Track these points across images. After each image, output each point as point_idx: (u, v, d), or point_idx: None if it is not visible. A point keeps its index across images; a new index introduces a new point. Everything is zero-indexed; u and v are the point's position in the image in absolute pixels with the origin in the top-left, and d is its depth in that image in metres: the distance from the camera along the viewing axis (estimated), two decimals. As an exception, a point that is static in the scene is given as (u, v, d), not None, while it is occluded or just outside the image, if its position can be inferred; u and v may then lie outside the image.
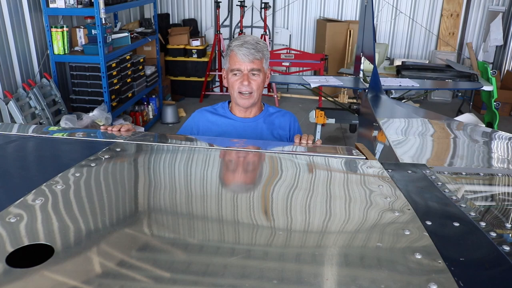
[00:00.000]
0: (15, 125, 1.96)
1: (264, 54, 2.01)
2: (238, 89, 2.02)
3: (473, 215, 0.90)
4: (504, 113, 7.01)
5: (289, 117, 2.22)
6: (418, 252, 0.74)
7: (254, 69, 1.99)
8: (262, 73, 2.02)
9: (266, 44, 2.09)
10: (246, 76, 1.99)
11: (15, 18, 4.57)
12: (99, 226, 0.84)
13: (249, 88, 2.01)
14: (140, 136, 1.60)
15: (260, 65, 2.00)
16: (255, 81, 2.01)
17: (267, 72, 2.09)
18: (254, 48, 1.96)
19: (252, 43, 1.97)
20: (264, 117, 2.17)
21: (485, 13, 7.84)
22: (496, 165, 1.58)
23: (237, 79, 2.01)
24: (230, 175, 1.28)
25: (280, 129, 2.17)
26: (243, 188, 1.15)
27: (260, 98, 2.14)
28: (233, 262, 0.72)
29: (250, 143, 1.84)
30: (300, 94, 7.97)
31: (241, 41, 1.99)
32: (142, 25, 7.05)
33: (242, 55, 1.96)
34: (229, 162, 1.39)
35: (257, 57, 1.97)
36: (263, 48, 2.00)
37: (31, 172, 1.20)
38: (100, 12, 4.69)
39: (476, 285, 0.67)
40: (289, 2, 8.04)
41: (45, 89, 4.89)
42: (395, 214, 0.91)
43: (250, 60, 1.97)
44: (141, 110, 6.38)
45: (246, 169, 1.34)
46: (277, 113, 2.21)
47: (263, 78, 2.04)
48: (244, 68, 1.98)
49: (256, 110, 2.16)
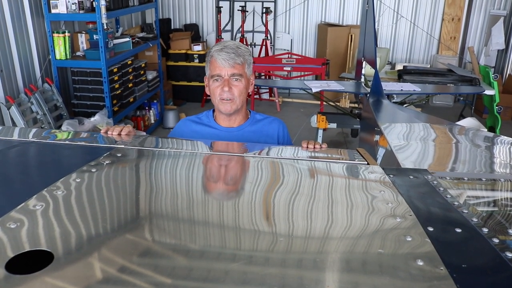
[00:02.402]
0: (16, 128, 1.97)
1: (246, 59, 1.93)
2: (219, 96, 1.94)
3: (475, 221, 0.90)
4: (506, 117, 7.00)
5: (277, 124, 2.12)
6: (420, 259, 0.74)
7: (235, 74, 1.91)
8: (244, 78, 1.94)
9: (249, 49, 1.99)
10: (227, 82, 1.91)
11: (17, 23, 4.58)
12: (100, 232, 0.83)
13: (230, 94, 1.93)
14: (141, 140, 1.60)
15: (241, 70, 1.91)
16: (236, 87, 1.93)
17: (250, 78, 2.00)
18: (235, 53, 1.88)
19: (232, 47, 1.90)
20: (250, 125, 2.08)
21: (487, 17, 7.84)
22: (498, 170, 1.57)
23: (218, 85, 1.93)
24: (232, 180, 1.28)
25: (267, 137, 2.07)
26: (243, 193, 1.14)
27: (245, 106, 2.05)
28: (235, 268, 0.72)
29: (251, 147, 1.83)
30: (301, 99, 7.98)
31: (221, 45, 1.91)
32: (144, 30, 7.07)
33: (222, 60, 1.88)
34: (232, 167, 1.39)
35: (238, 62, 1.89)
36: (244, 53, 1.92)
37: (32, 178, 1.20)
38: (102, 17, 4.71)
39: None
40: (290, 7, 8.06)
41: (47, 94, 4.90)
42: (396, 220, 0.91)
43: (231, 65, 1.88)
44: (143, 115, 6.38)
45: (247, 174, 1.33)
46: (264, 120, 2.12)
47: (246, 83, 1.96)
48: (224, 73, 1.90)
49: (241, 118, 2.07)
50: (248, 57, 1.95)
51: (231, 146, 1.81)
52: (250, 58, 1.98)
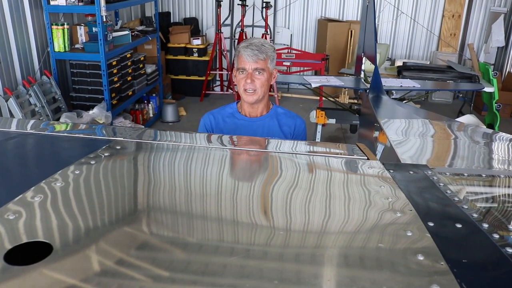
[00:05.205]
0: (13, 120, 1.95)
1: (269, 55, 2.17)
2: (243, 86, 2.20)
3: (476, 217, 0.89)
4: (505, 115, 7.01)
5: (298, 119, 2.37)
6: (420, 253, 0.73)
7: (258, 68, 2.16)
8: (266, 72, 2.18)
9: (273, 47, 2.23)
10: (250, 75, 2.17)
11: (15, 15, 4.56)
12: (99, 224, 0.83)
13: (253, 85, 2.18)
14: (140, 133, 1.59)
15: (263, 65, 2.16)
16: (258, 80, 2.18)
17: (273, 71, 2.24)
18: (258, 50, 2.14)
19: (257, 45, 2.15)
20: (270, 116, 2.32)
21: (487, 14, 7.83)
22: (498, 166, 1.57)
23: (242, 77, 2.19)
24: (231, 174, 1.27)
25: (285, 126, 2.32)
26: (246, 187, 1.14)
27: (267, 97, 2.30)
28: (233, 261, 0.72)
29: (250, 141, 1.83)
30: (300, 94, 7.97)
31: (248, 43, 2.18)
32: (143, 24, 7.05)
33: (247, 55, 2.14)
34: (230, 161, 1.38)
35: (261, 58, 2.14)
36: (267, 50, 2.16)
37: (31, 169, 1.19)
38: (101, 10, 4.69)
39: (478, 287, 0.66)
40: (290, 1, 8.03)
41: (45, 87, 4.89)
42: (396, 215, 0.90)
43: (254, 60, 2.14)
44: (141, 109, 6.37)
45: (247, 168, 1.33)
46: (287, 113, 2.37)
47: (267, 77, 2.20)
48: (248, 67, 2.16)
49: (263, 108, 2.31)
50: (272, 53, 2.20)
51: (231, 139, 1.80)
52: (274, 54, 2.23)
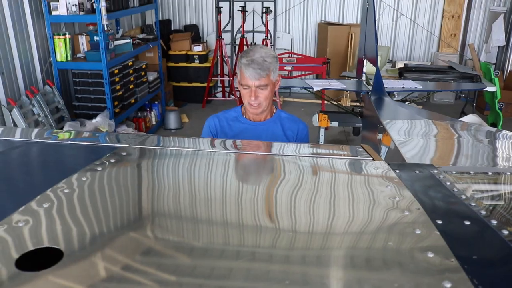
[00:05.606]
0: (17, 129, 1.96)
1: (271, 69, 2.12)
2: (248, 101, 2.20)
3: (483, 214, 0.89)
4: (508, 114, 6.99)
5: (301, 123, 2.37)
6: (430, 251, 0.73)
7: (261, 85, 2.14)
8: (269, 85, 2.16)
9: (275, 56, 2.18)
10: (254, 92, 2.15)
11: (17, 26, 4.59)
12: (107, 230, 0.83)
13: (257, 101, 2.18)
14: (144, 139, 1.59)
15: (267, 81, 2.13)
16: (262, 94, 2.17)
17: (277, 79, 2.23)
18: (260, 68, 2.09)
19: (259, 62, 2.08)
20: (274, 120, 2.34)
21: (487, 14, 7.84)
22: (503, 164, 1.56)
23: (246, 92, 2.18)
24: (236, 178, 1.27)
25: (289, 130, 2.33)
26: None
27: (271, 103, 2.30)
28: (240, 265, 0.71)
29: (254, 144, 1.83)
30: (302, 98, 7.97)
31: (249, 59, 2.10)
32: (144, 32, 7.08)
33: (249, 74, 2.10)
34: (235, 165, 1.38)
35: (263, 75, 2.11)
36: (269, 65, 2.11)
37: (38, 177, 1.20)
38: (102, 19, 4.71)
39: (490, 283, 0.65)
40: (290, 6, 8.06)
41: (48, 96, 4.91)
42: (404, 214, 0.90)
43: (257, 78, 2.11)
44: (144, 116, 6.39)
45: (254, 171, 1.33)
46: (290, 117, 2.38)
47: (271, 88, 2.19)
48: (251, 84, 2.14)
49: (267, 113, 2.32)
50: (274, 65, 2.15)
51: (234, 144, 1.80)
52: (276, 64, 2.17)
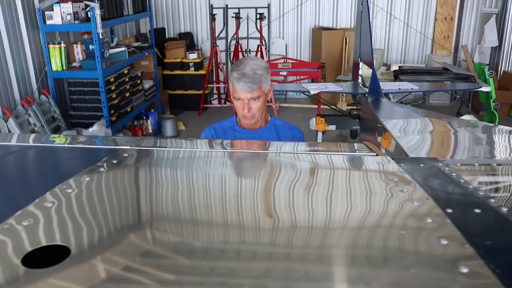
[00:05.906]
0: (14, 135, 1.95)
1: (263, 80, 2.12)
2: (241, 113, 2.21)
3: (493, 201, 0.88)
4: (503, 114, 7.02)
5: (295, 130, 2.37)
6: (443, 238, 0.72)
7: (254, 97, 2.14)
8: (262, 96, 2.16)
9: (265, 67, 2.16)
10: (247, 104, 2.15)
11: (12, 36, 4.58)
12: (117, 229, 0.82)
13: (250, 112, 2.18)
14: (145, 141, 1.58)
15: (259, 93, 2.13)
16: (255, 105, 2.17)
17: (269, 88, 2.21)
18: (252, 81, 2.08)
19: (249, 75, 2.07)
20: (268, 128, 2.33)
21: (479, 15, 7.90)
22: (507, 156, 1.57)
23: (239, 105, 2.18)
24: (239, 177, 1.26)
25: (284, 138, 2.31)
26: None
27: (265, 112, 2.29)
28: (242, 265, 0.70)
29: (253, 144, 1.83)
30: (298, 103, 7.98)
31: (240, 73, 2.09)
32: (139, 40, 7.08)
33: (241, 88, 2.10)
34: (236, 164, 1.38)
35: (255, 88, 2.10)
36: (260, 77, 2.10)
37: (40, 179, 1.18)
38: (97, 27, 4.71)
39: (506, 267, 0.65)
40: (284, 12, 8.09)
41: (44, 106, 4.89)
42: (414, 204, 0.89)
43: (248, 91, 2.11)
44: (141, 125, 6.37)
45: (257, 170, 1.32)
46: (284, 125, 2.38)
47: (264, 99, 2.19)
48: (244, 97, 2.14)
49: (261, 122, 2.32)
50: (265, 76, 2.14)
51: (234, 144, 1.79)
52: (267, 75, 2.16)
